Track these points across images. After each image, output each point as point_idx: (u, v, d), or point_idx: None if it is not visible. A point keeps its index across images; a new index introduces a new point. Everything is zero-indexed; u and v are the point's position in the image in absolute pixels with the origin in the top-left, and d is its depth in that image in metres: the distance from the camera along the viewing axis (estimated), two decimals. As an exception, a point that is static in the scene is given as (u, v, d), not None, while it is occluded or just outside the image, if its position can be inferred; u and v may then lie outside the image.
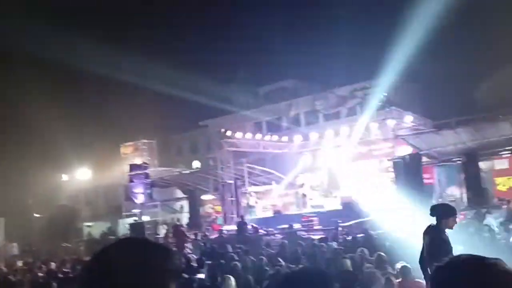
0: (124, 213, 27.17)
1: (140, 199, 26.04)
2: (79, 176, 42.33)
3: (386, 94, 25.19)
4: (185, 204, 28.70)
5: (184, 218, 27.78)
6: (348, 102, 35.28)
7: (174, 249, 15.38)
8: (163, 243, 1.58)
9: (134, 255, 1.33)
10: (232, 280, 8.50)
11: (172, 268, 1.37)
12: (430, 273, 5.17)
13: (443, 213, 6.39)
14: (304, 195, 25.53)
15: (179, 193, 29.94)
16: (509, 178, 22.29)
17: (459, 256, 1.44)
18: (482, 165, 20.48)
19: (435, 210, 6.39)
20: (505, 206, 17.29)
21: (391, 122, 22.92)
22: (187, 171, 35.35)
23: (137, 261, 1.31)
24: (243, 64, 46.75)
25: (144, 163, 26.43)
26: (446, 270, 1.40)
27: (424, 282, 6.87)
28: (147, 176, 26.30)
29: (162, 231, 26.08)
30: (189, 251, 17.84)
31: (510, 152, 21.27)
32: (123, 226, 26.86)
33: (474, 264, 1.36)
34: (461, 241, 11.71)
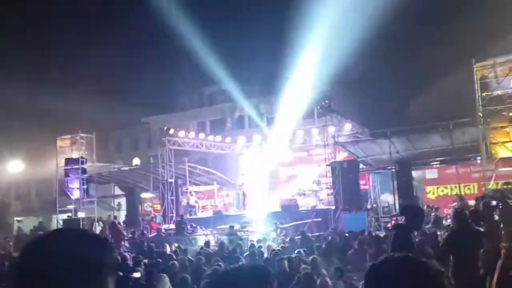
0: (58, 209, 26.39)
1: (75, 194, 25.40)
2: (11, 169, 40.69)
3: (327, 102, 25.96)
4: (123, 201, 28.30)
5: (122, 216, 27.39)
6: (292, 106, 35.93)
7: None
8: (100, 235, 1.49)
9: (68, 247, 1.23)
10: (167, 279, 8.58)
11: (109, 262, 1.29)
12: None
13: (413, 214, 6.81)
14: (244, 196, 25.89)
15: (117, 190, 29.48)
16: (438, 187, 23.54)
17: (394, 254, 1.53)
18: (414, 174, 21.59)
19: (406, 210, 6.80)
20: (433, 214, 18.36)
21: (331, 129, 23.67)
22: (127, 168, 34.82)
23: (71, 254, 1.22)
24: (188, 63, 46.54)
25: (82, 157, 25.77)
26: (382, 267, 1.46)
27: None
28: (84, 171, 25.70)
29: (98, 228, 25.63)
30: (126, 249, 17.71)
31: (439, 162, 22.52)
32: (56, 222, 26.11)
33: (408, 261, 1.44)
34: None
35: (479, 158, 19.30)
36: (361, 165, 23.02)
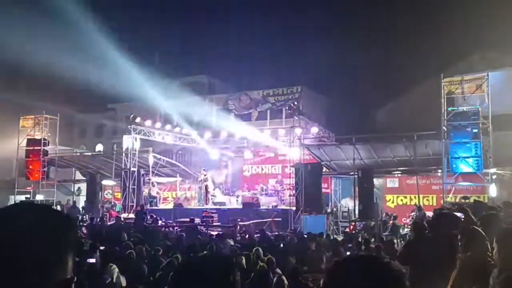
0: (16, 189, 25.76)
1: (35, 176, 24.89)
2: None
3: (296, 103, 26.16)
4: (83, 187, 27.82)
5: (81, 202, 26.93)
6: (260, 105, 36.10)
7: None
8: (62, 211, 1.40)
9: (30, 219, 1.18)
10: (116, 269, 8.48)
11: (71, 238, 1.24)
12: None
13: None
14: (206, 191, 25.81)
15: (78, 175, 28.96)
16: (398, 196, 24.03)
17: (357, 253, 1.65)
18: (376, 181, 21.96)
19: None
20: (391, 222, 18.75)
21: (298, 131, 23.85)
22: (89, 153, 34.27)
23: (33, 227, 1.16)
24: (160, 52, 46.10)
25: (44, 139, 25.23)
26: (345, 264, 1.47)
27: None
28: (45, 153, 25.17)
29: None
30: (83, 235, 17.42)
31: (401, 172, 22.99)
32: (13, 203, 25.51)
33: (371, 260, 1.46)
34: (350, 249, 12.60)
35: (440, 171, 19.78)
36: (324, 169, 23.27)
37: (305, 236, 14.74)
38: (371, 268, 1.41)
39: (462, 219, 5.71)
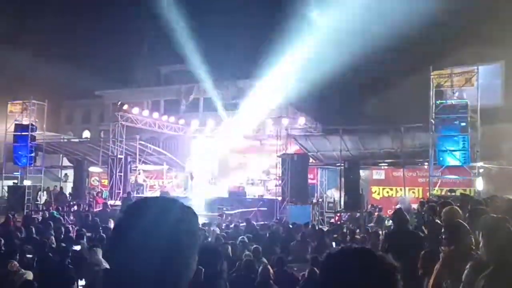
0: (4, 174, 25.59)
1: (23, 161, 24.72)
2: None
3: (284, 94, 26.13)
4: (70, 173, 27.66)
5: (68, 188, 26.77)
6: (247, 95, 36.00)
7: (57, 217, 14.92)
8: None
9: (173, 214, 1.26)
10: (100, 252, 8.47)
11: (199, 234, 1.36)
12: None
13: None
14: (192, 179, 25.78)
15: (65, 162, 28.77)
16: (384, 188, 24.16)
17: (351, 246, 1.58)
18: (362, 173, 22.05)
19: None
20: (376, 213, 18.87)
21: (285, 121, 23.83)
22: (76, 140, 34.06)
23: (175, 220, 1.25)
24: (148, 39, 45.68)
25: (32, 124, 25.02)
26: (338, 256, 1.48)
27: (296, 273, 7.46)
28: (33, 138, 24.98)
29: (43, 198, 25.00)
30: (70, 222, 17.36)
31: (387, 164, 23.11)
32: (1, 188, 25.33)
33: (364, 253, 1.47)
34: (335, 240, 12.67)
35: (426, 163, 19.90)
36: (311, 160, 23.32)
37: (291, 226, 14.78)
38: (365, 262, 1.41)
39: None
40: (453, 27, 25.67)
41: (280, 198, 21.31)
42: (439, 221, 6.35)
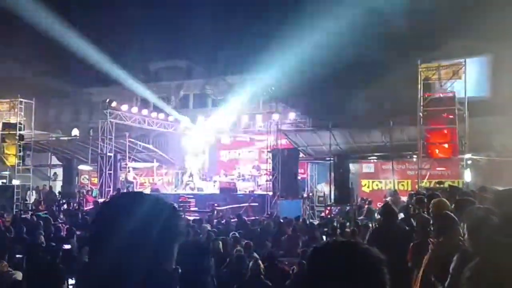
0: (-8, 174, 25.49)
1: (11, 161, 24.49)
2: None
3: (273, 89, 26.12)
4: (59, 172, 27.49)
5: (57, 187, 26.61)
6: (238, 90, 35.97)
7: (47, 216, 14.84)
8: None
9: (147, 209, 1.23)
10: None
11: (178, 229, 1.31)
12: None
13: None
14: (182, 175, 25.76)
15: (54, 160, 28.58)
16: (373, 181, 24.28)
17: (336, 239, 1.61)
18: (351, 167, 22.15)
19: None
20: (366, 206, 18.95)
21: (275, 116, 23.87)
22: (65, 138, 33.82)
23: (146, 217, 1.21)
24: (136, 36, 45.39)
25: (20, 123, 24.79)
26: (324, 250, 1.49)
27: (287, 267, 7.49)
28: (21, 137, 24.75)
29: (32, 197, 24.84)
30: (60, 221, 17.26)
31: (377, 157, 23.23)
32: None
33: (350, 246, 1.48)
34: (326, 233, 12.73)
35: (415, 156, 20.03)
36: (301, 154, 23.38)
37: (282, 220, 14.82)
38: (351, 255, 1.42)
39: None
40: (441, 20, 25.77)
41: (271, 193, 21.34)
42: (425, 214, 6.40)
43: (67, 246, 10.33)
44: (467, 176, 17.97)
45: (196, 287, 1.83)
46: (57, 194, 24.96)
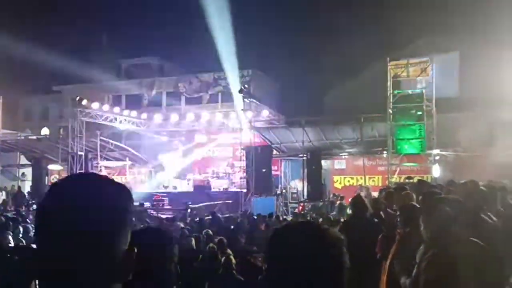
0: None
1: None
2: None
3: (247, 87, 26.16)
4: (28, 172, 27.00)
5: (27, 187, 26.13)
6: (211, 88, 35.90)
7: (15, 217, 14.58)
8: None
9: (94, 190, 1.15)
10: None
11: (132, 209, 1.22)
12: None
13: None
14: (156, 174, 25.62)
15: (23, 160, 28.06)
16: (345, 177, 24.57)
17: (296, 221, 1.67)
18: (324, 163, 22.38)
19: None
20: (338, 202, 19.19)
21: (249, 114, 23.90)
22: (34, 137, 33.19)
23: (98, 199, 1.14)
24: (106, 32, 44.84)
25: (-14, 122, 24.35)
26: (284, 231, 1.50)
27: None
28: (-12, 136, 24.32)
29: (1, 198, 24.34)
30: (30, 221, 16.95)
31: (348, 154, 23.52)
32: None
33: (309, 227, 1.51)
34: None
35: (385, 152, 20.35)
36: (274, 151, 23.49)
37: (255, 217, 14.90)
38: (311, 235, 1.43)
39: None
40: (410, 17, 26.20)
41: (245, 190, 21.41)
42: (390, 210, 6.55)
43: (35, 246, 10.16)
44: (436, 171, 18.37)
45: (157, 274, 1.83)
46: (26, 194, 24.51)
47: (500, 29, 22.11)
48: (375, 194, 15.89)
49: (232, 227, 13.53)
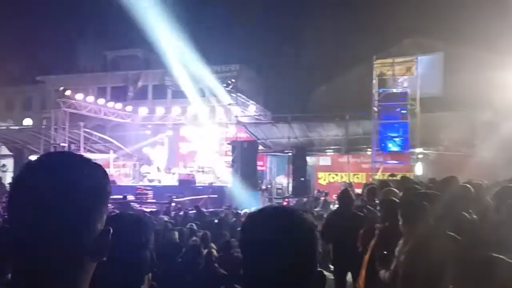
0: None
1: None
2: None
3: (234, 81, 26.16)
4: (9, 162, 26.69)
5: (8, 178, 25.81)
6: (198, 82, 35.74)
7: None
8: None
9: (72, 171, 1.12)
10: None
11: (107, 189, 1.20)
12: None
13: None
14: (141, 167, 25.48)
15: (4, 150, 27.73)
16: (330, 174, 24.71)
17: (270, 205, 1.61)
18: (309, 159, 22.49)
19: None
20: (323, 198, 19.31)
21: (235, 109, 23.93)
22: (16, 127, 32.82)
23: (72, 177, 1.11)
24: (92, 22, 44.40)
25: (-33, 112, 24.02)
26: (257, 215, 1.48)
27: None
28: (-31, 127, 23.97)
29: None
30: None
31: (333, 150, 23.67)
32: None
33: (283, 211, 1.49)
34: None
35: (369, 150, 20.52)
36: (260, 147, 23.54)
37: (240, 212, 14.93)
38: (284, 220, 1.42)
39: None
40: (396, 17, 26.42)
41: (230, 185, 21.41)
42: (370, 207, 6.64)
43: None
44: (418, 169, 18.58)
45: (132, 260, 1.83)
46: (7, 185, 24.22)
47: (483, 31, 22.39)
48: (358, 191, 16.04)
49: (216, 221, 13.55)
